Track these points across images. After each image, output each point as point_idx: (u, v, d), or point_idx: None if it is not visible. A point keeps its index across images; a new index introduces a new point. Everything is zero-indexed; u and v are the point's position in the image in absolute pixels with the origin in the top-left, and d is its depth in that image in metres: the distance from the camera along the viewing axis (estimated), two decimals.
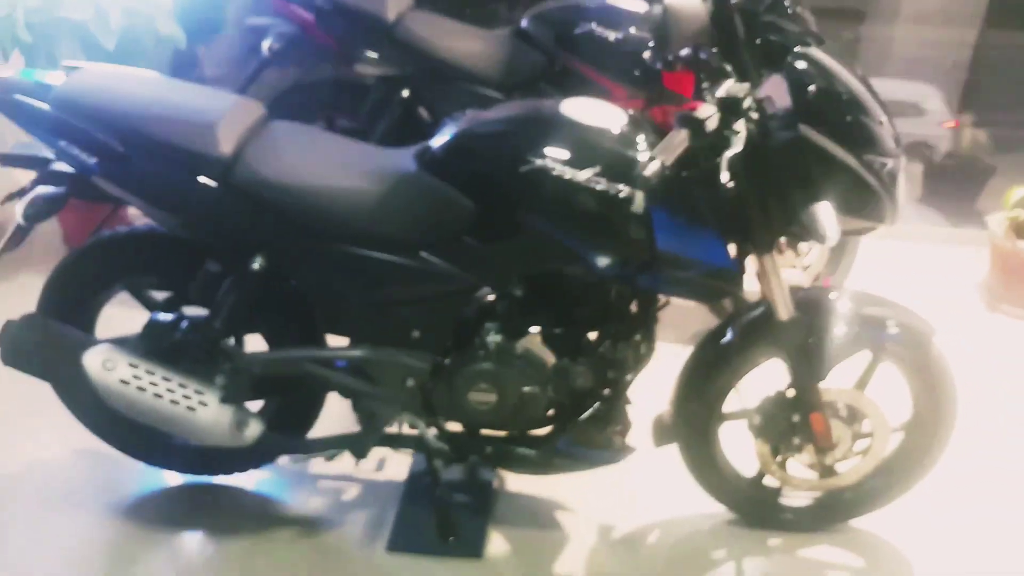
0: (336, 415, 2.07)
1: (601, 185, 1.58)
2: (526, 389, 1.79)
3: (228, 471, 2.14)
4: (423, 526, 2.04)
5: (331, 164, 1.75)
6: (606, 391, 1.86)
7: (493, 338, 1.77)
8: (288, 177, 1.69)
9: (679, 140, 1.46)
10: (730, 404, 1.96)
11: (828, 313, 1.81)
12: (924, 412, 1.92)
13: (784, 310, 1.77)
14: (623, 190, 1.56)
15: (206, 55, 3.81)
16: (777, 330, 1.80)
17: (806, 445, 1.92)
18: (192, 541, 2.04)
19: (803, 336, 1.80)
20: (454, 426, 1.94)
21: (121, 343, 1.80)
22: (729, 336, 1.88)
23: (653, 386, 2.01)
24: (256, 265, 1.74)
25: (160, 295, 1.96)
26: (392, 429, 1.94)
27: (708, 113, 1.46)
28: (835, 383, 1.89)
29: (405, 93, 2.70)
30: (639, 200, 1.56)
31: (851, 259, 2.81)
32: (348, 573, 1.98)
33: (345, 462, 2.08)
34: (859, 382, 1.90)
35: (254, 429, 1.82)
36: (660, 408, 2.01)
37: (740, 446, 2.01)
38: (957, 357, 1.98)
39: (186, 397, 1.74)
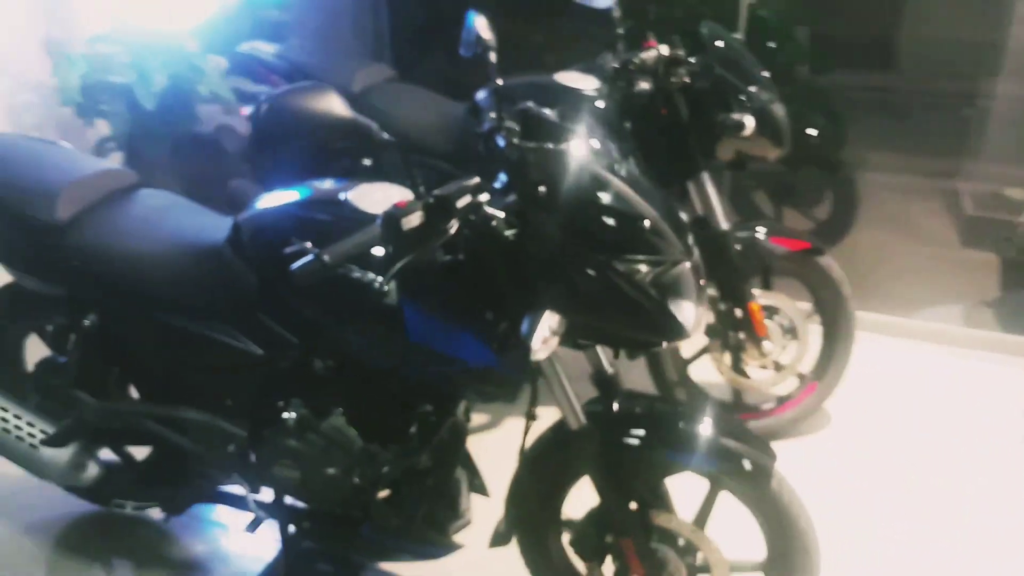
0: None
1: (356, 273, 1.43)
2: (329, 470, 1.72)
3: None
4: None
5: (157, 232, 1.87)
6: (422, 478, 1.80)
7: (294, 414, 1.72)
8: (110, 243, 1.84)
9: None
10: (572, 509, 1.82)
11: (627, 426, 1.62)
12: (777, 553, 1.66)
13: (572, 419, 1.63)
14: (375, 279, 1.40)
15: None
16: (570, 440, 1.66)
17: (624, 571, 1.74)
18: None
19: (598, 450, 1.63)
20: None
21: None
22: (548, 441, 1.75)
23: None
24: (87, 322, 1.89)
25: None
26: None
27: (412, 210, 1.31)
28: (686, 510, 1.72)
29: (367, 162, 2.83)
30: (390, 290, 1.53)
31: (842, 363, 2.60)
32: None
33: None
34: (698, 515, 1.69)
35: (91, 471, 2.02)
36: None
37: None
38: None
39: (31, 435, 1.95)
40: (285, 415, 1.72)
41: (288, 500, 1.87)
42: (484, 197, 1.42)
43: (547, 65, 2.65)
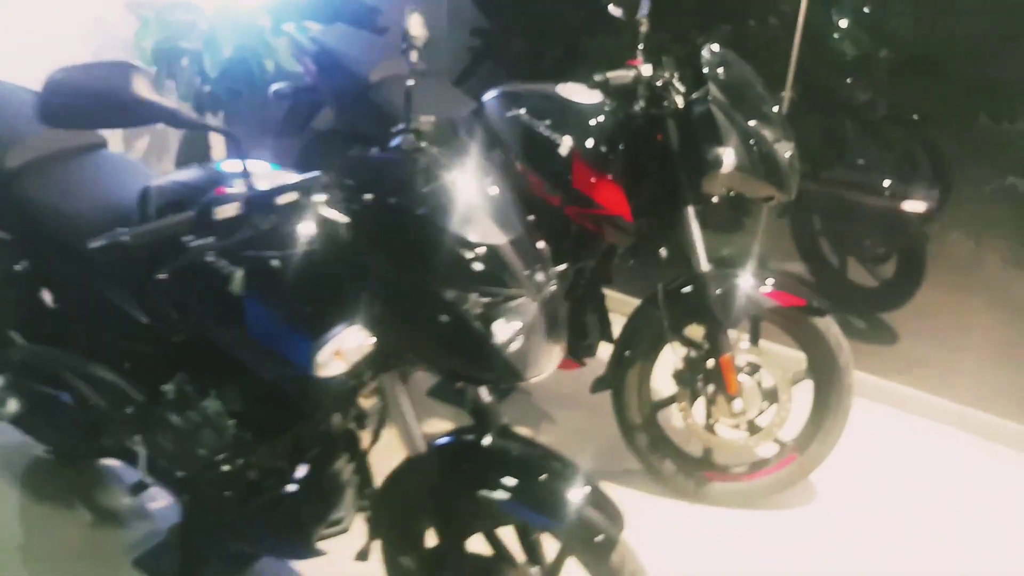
0: None
1: (211, 259, 1.45)
2: (200, 451, 1.67)
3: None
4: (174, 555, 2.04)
5: (94, 193, 1.89)
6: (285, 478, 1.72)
7: (173, 388, 1.68)
8: (48, 197, 1.88)
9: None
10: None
11: (478, 466, 1.51)
12: None
13: (410, 445, 1.53)
14: (228, 268, 1.40)
15: None
16: (411, 467, 1.58)
17: None
18: None
19: (436, 484, 1.53)
20: None
21: None
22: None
23: None
24: (18, 267, 1.96)
25: None
26: None
27: (229, 201, 1.29)
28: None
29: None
30: (237, 280, 1.45)
31: (830, 438, 2.36)
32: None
33: None
34: (548, 571, 1.58)
35: (11, 407, 2.04)
36: None
37: None
38: None
39: None
40: (164, 388, 1.71)
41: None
42: (320, 196, 1.36)
43: (576, 75, 2.49)
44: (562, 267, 2.43)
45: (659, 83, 2.09)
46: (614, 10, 2.42)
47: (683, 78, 2.16)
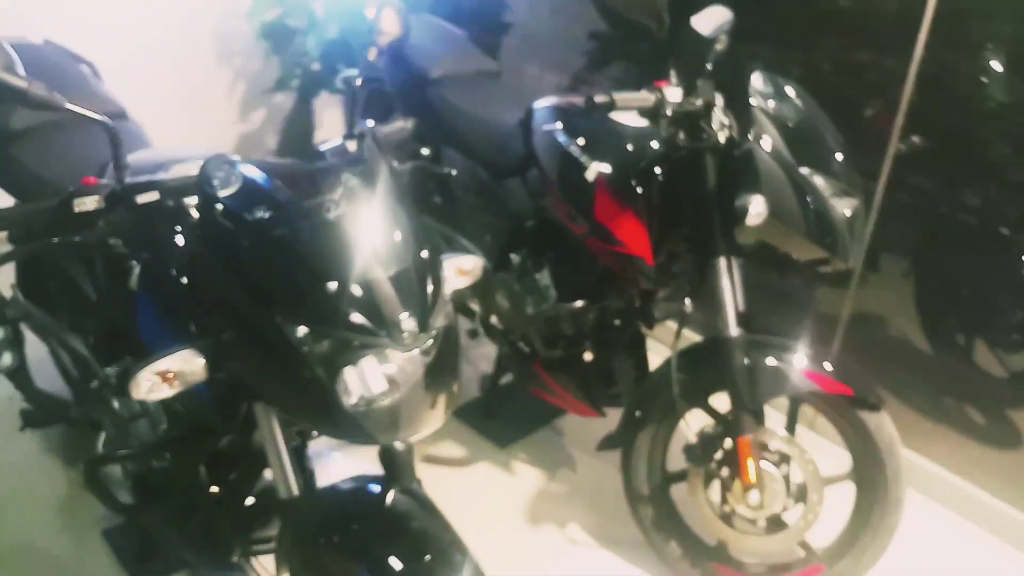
0: None
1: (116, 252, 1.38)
2: (132, 441, 1.65)
3: None
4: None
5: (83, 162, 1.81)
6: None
7: (114, 371, 1.61)
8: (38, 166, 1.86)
9: None
10: None
11: (350, 518, 1.36)
12: None
13: (283, 487, 1.38)
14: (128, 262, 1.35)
15: None
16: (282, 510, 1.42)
17: None
18: None
19: (297, 532, 1.38)
20: None
21: None
22: None
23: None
24: None
25: None
26: None
27: (91, 193, 1.21)
28: None
29: (425, 151, 2.62)
30: (133, 278, 1.39)
31: (871, 553, 1.99)
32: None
33: None
34: None
35: (6, 360, 2.03)
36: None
37: None
38: None
39: None
40: (108, 369, 1.65)
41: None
42: (191, 200, 1.22)
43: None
44: (579, 304, 2.18)
45: (691, 111, 1.77)
46: (697, 23, 2.10)
47: (731, 108, 1.82)
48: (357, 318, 1.13)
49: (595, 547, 2.27)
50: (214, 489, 1.60)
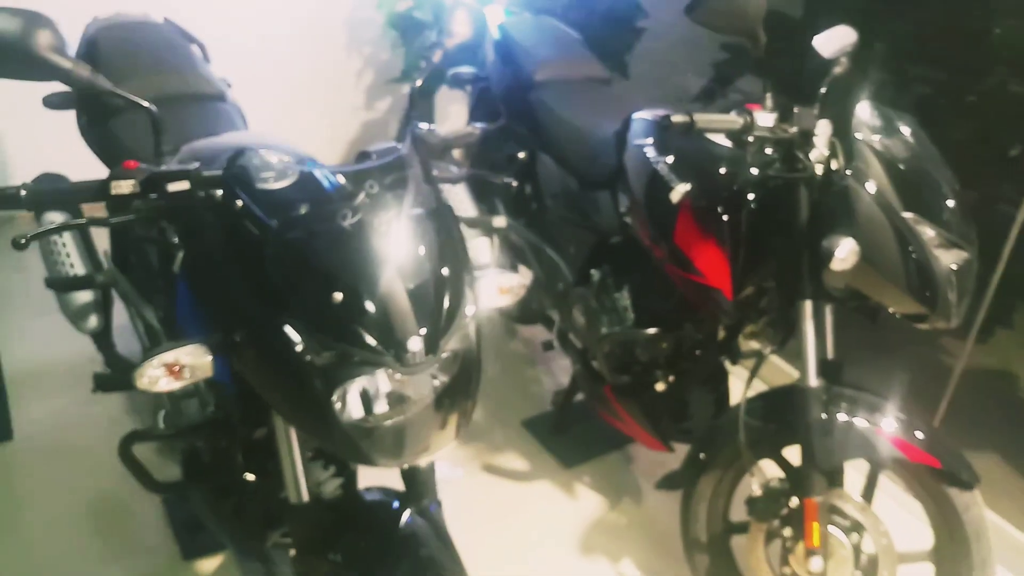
0: None
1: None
2: (187, 422, 1.65)
3: None
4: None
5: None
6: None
7: None
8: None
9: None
10: None
11: (358, 533, 1.34)
12: None
13: (293, 491, 1.35)
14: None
15: None
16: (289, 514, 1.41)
17: None
18: None
19: (308, 536, 1.37)
20: None
21: None
22: None
23: None
24: None
25: None
26: None
27: (128, 177, 1.20)
28: None
29: (522, 155, 2.67)
30: (177, 260, 1.35)
31: None
32: None
33: None
34: None
35: (92, 323, 1.95)
36: None
37: None
38: None
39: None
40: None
41: None
42: (217, 192, 1.20)
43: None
44: (653, 331, 2.07)
45: (783, 139, 1.62)
46: (819, 43, 1.93)
47: (838, 139, 1.66)
48: (360, 333, 1.08)
49: None
50: (249, 477, 1.61)
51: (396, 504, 1.35)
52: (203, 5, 3.56)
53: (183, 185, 1.18)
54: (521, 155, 2.66)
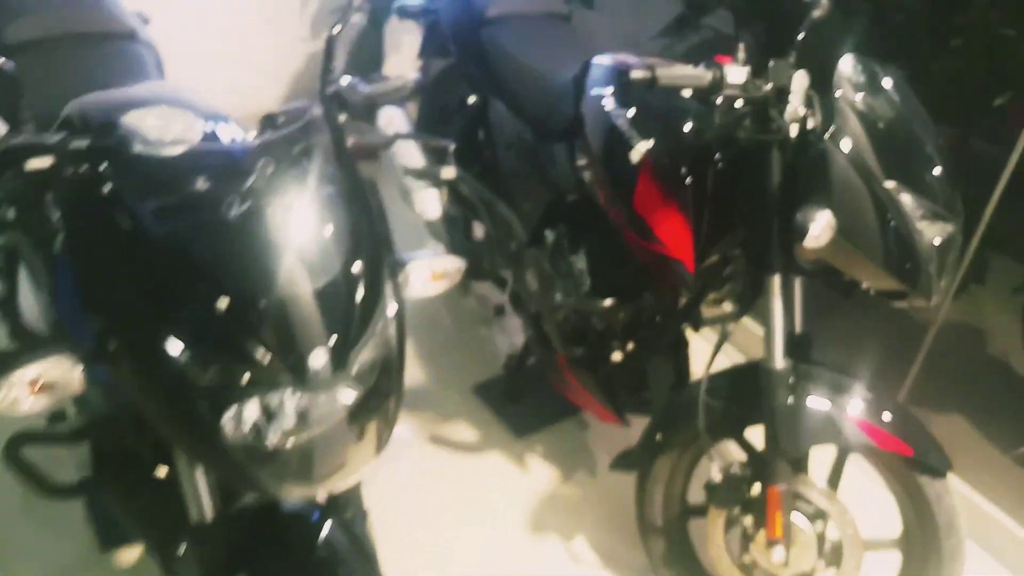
0: None
1: None
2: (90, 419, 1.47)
3: None
4: None
5: None
6: None
7: None
8: None
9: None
10: None
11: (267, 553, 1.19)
12: None
13: (195, 510, 1.19)
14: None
15: None
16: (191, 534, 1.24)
17: None
18: None
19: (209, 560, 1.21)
20: None
21: None
22: None
23: None
24: None
25: None
26: None
27: None
28: None
29: (472, 99, 2.46)
30: (58, 241, 1.15)
31: None
32: None
33: None
34: None
35: None
36: None
37: None
38: None
39: None
40: None
41: None
42: (82, 168, 0.99)
43: None
44: (608, 302, 1.91)
45: (756, 97, 1.44)
46: None
47: (817, 96, 1.48)
48: (250, 346, 0.91)
49: (597, 568, 2.04)
50: (161, 472, 1.44)
51: (316, 516, 1.20)
52: None
53: (46, 162, 0.97)
54: (472, 99, 2.45)
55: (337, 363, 0.94)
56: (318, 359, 0.92)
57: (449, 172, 1.52)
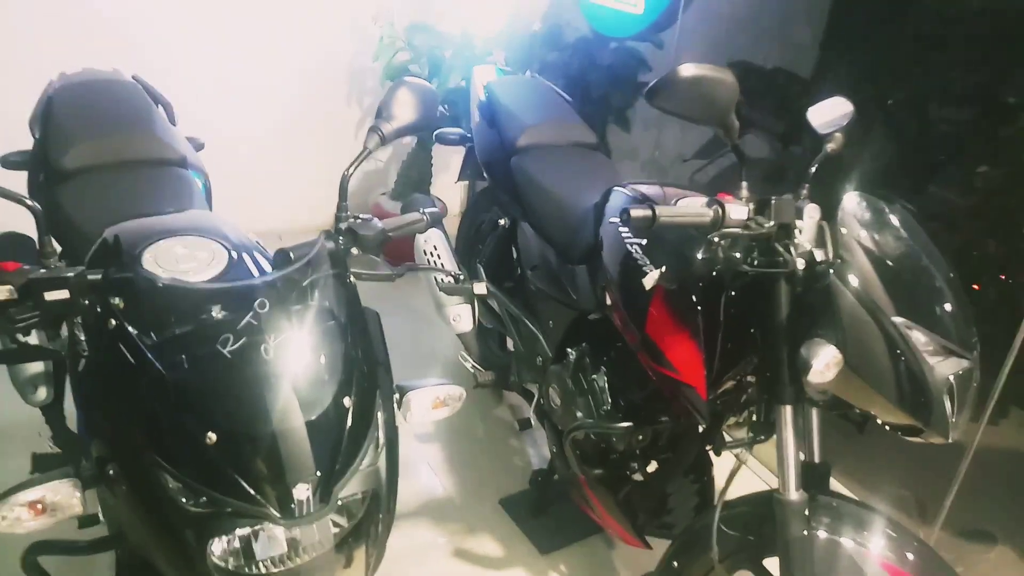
0: None
1: None
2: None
3: None
4: None
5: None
6: None
7: None
8: None
9: None
10: None
11: None
12: None
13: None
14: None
15: None
16: None
17: None
18: None
19: None
20: None
21: None
22: None
23: None
24: None
25: None
26: None
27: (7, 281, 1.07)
28: None
29: (503, 222, 2.59)
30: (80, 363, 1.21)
31: None
32: None
33: None
34: None
35: (41, 394, 1.81)
36: None
37: None
38: None
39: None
40: None
41: None
42: (117, 300, 1.08)
43: None
44: (626, 424, 1.92)
45: (757, 234, 1.47)
46: (813, 116, 1.79)
47: (829, 232, 1.50)
48: (236, 480, 0.95)
49: None
50: None
51: None
52: (197, 59, 3.52)
53: (63, 294, 1.06)
54: (503, 221, 2.55)
55: (322, 496, 0.98)
56: (302, 492, 0.96)
57: (480, 288, 1.59)
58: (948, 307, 1.47)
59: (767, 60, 2.94)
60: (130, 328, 1.01)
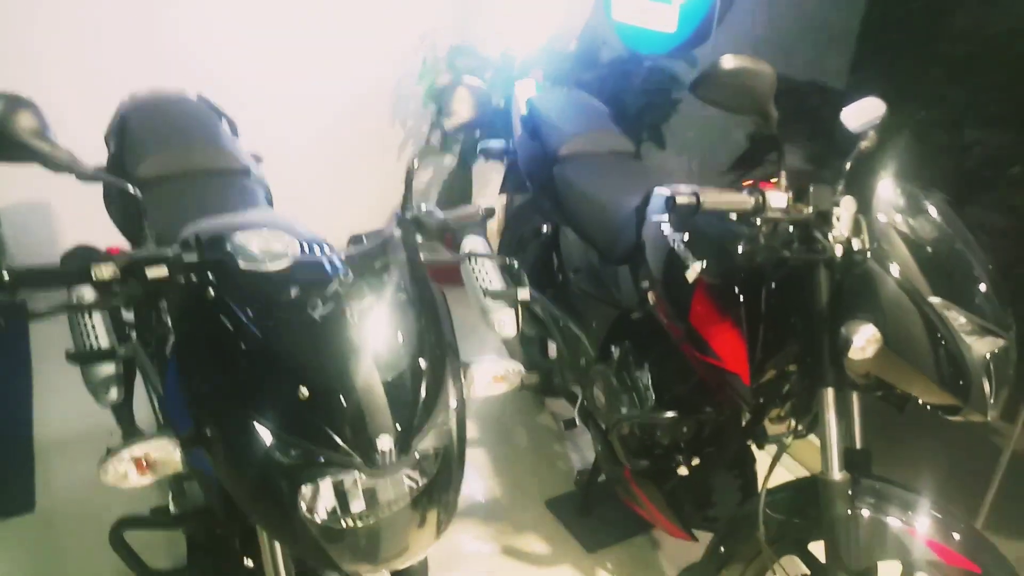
0: None
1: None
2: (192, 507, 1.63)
3: None
4: None
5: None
6: None
7: None
8: None
9: None
10: None
11: None
12: None
13: None
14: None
15: None
16: None
17: None
18: None
19: None
20: None
21: None
22: None
23: None
24: None
25: None
26: None
27: (109, 261, 1.19)
28: None
29: (546, 228, 2.71)
30: (169, 343, 1.29)
31: None
32: None
33: None
34: None
35: (112, 395, 1.78)
36: None
37: None
38: None
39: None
40: None
41: None
42: (209, 276, 1.19)
43: None
44: (670, 414, 1.98)
45: (797, 219, 1.55)
46: (847, 117, 1.87)
47: (863, 218, 1.57)
48: (326, 432, 1.04)
49: None
50: (248, 563, 1.56)
51: None
52: (253, 81, 3.68)
53: (161, 271, 1.17)
54: (545, 228, 2.64)
55: (402, 448, 1.06)
56: (384, 443, 1.05)
57: (524, 293, 1.67)
58: (983, 288, 1.52)
59: (800, 78, 3.02)
60: (227, 301, 1.11)
